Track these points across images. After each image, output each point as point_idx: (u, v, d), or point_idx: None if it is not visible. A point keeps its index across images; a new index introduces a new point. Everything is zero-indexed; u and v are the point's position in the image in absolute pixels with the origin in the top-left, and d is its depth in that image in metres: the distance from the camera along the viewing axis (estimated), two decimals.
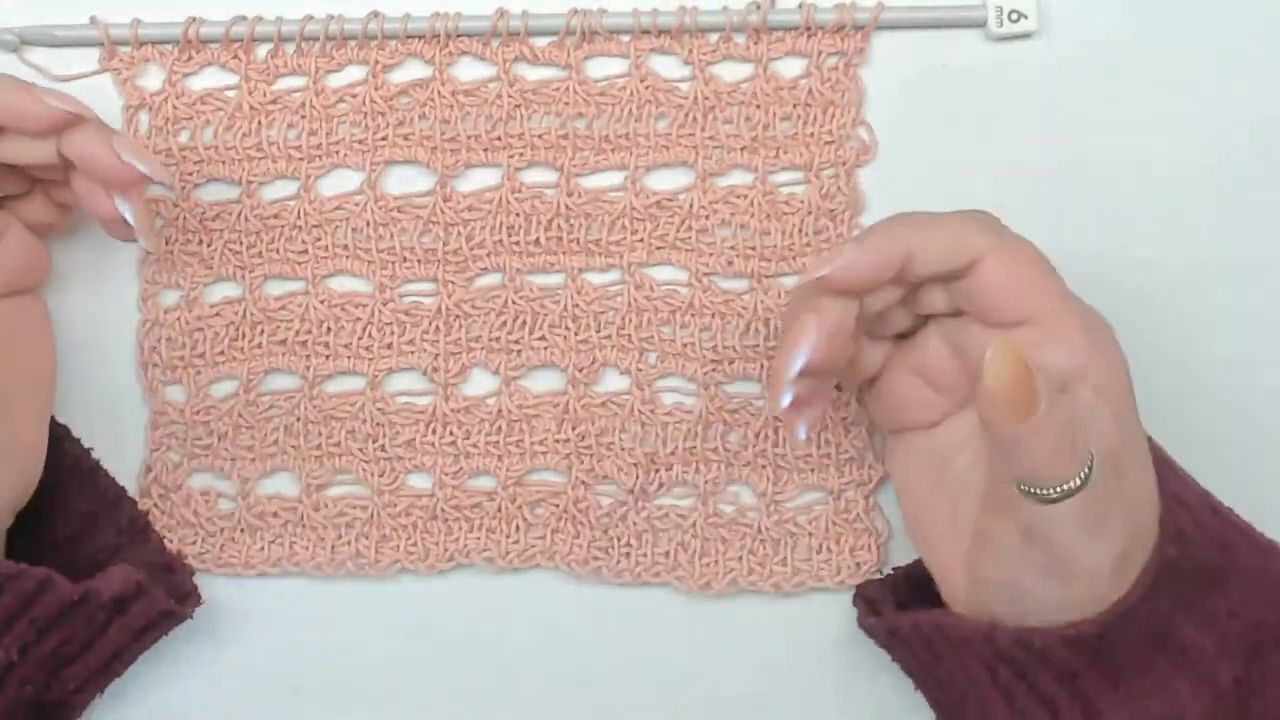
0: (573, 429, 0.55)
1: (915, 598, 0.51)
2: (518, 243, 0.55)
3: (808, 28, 0.53)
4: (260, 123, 0.55)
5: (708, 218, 0.54)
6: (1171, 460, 0.48)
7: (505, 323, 0.55)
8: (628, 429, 0.55)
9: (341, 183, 0.55)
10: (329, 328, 0.55)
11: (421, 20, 0.54)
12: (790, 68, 0.54)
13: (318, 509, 0.55)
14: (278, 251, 0.55)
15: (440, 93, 0.54)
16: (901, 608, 0.51)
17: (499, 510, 0.55)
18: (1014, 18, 0.54)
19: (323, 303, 0.55)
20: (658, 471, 0.55)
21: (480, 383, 0.56)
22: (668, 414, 0.55)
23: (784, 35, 0.54)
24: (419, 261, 0.55)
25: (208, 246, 0.55)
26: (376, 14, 0.54)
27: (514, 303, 0.55)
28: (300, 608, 0.56)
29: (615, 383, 0.55)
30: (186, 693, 0.56)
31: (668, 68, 0.54)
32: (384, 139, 0.54)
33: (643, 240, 0.55)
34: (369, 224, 0.55)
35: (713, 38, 0.54)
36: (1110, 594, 0.44)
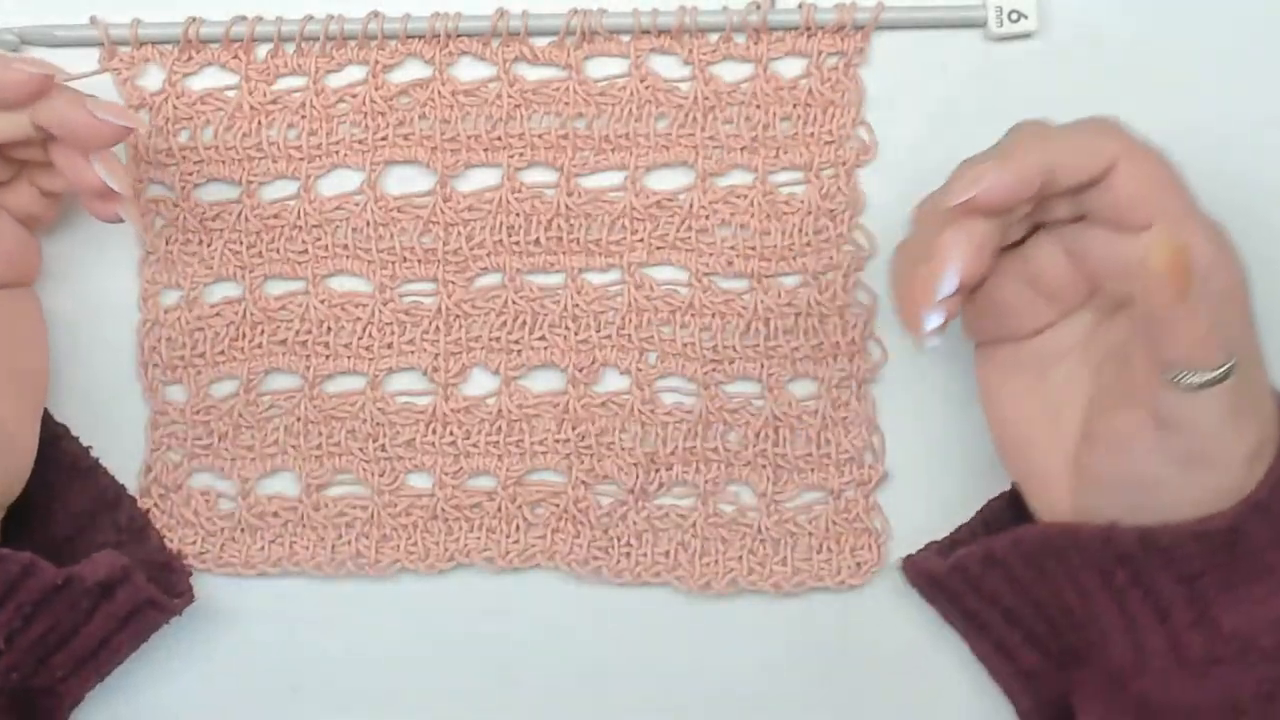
0: (573, 429, 0.55)
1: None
2: (518, 243, 0.55)
3: (808, 28, 0.53)
4: (260, 123, 0.55)
5: (708, 218, 0.54)
6: None
7: (505, 323, 0.55)
8: (628, 429, 0.55)
9: (341, 183, 0.55)
10: (329, 328, 0.55)
11: (421, 20, 0.54)
12: (790, 68, 0.54)
13: (318, 509, 0.55)
14: (278, 251, 0.55)
15: (440, 93, 0.54)
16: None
17: (499, 510, 0.55)
18: (1014, 18, 0.54)
19: (323, 303, 0.55)
20: (658, 471, 0.55)
21: (480, 383, 0.56)
22: (668, 414, 0.55)
23: (784, 35, 0.54)
24: (419, 261, 0.55)
25: (208, 246, 0.55)
26: (376, 14, 0.54)
27: (514, 303, 0.55)
28: (300, 608, 0.56)
29: (615, 383, 0.55)
30: (187, 692, 0.56)
31: (668, 68, 0.54)
32: (384, 139, 0.54)
33: (643, 240, 0.55)
34: (369, 224, 0.55)
35: (713, 38, 0.54)
36: (1243, 487, 0.44)
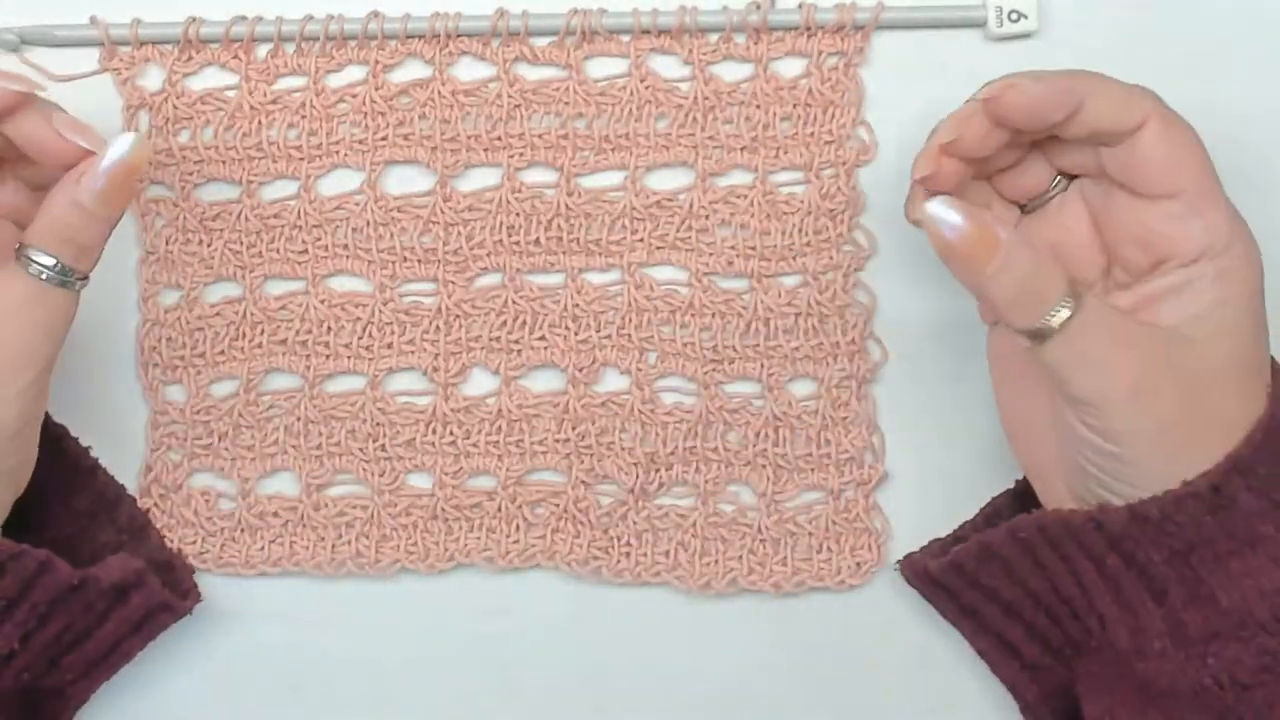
0: (573, 429, 0.55)
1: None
2: (518, 243, 0.55)
3: (808, 28, 0.53)
4: (260, 123, 0.55)
5: (708, 218, 0.54)
6: None
7: (505, 323, 0.55)
8: (628, 429, 0.55)
9: (341, 183, 0.55)
10: (329, 328, 0.55)
11: (421, 20, 0.54)
12: (790, 68, 0.54)
13: (318, 509, 0.55)
14: (278, 251, 0.55)
15: (440, 93, 0.54)
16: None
17: (499, 510, 0.55)
18: (1014, 18, 0.54)
19: (323, 303, 0.55)
20: (658, 471, 0.55)
21: (480, 383, 0.56)
22: (668, 414, 0.55)
23: (784, 35, 0.54)
24: (419, 261, 0.55)
25: (208, 246, 0.55)
26: (376, 14, 0.54)
27: (514, 303, 0.55)
28: (300, 608, 0.56)
29: (615, 383, 0.55)
30: (187, 692, 0.56)
31: (668, 68, 0.54)
32: (384, 139, 0.54)
33: (643, 240, 0.55)
34: (369, 224, 0.55)
35: (713, 38, 0.54)
36: (1132, 424, 0.44)
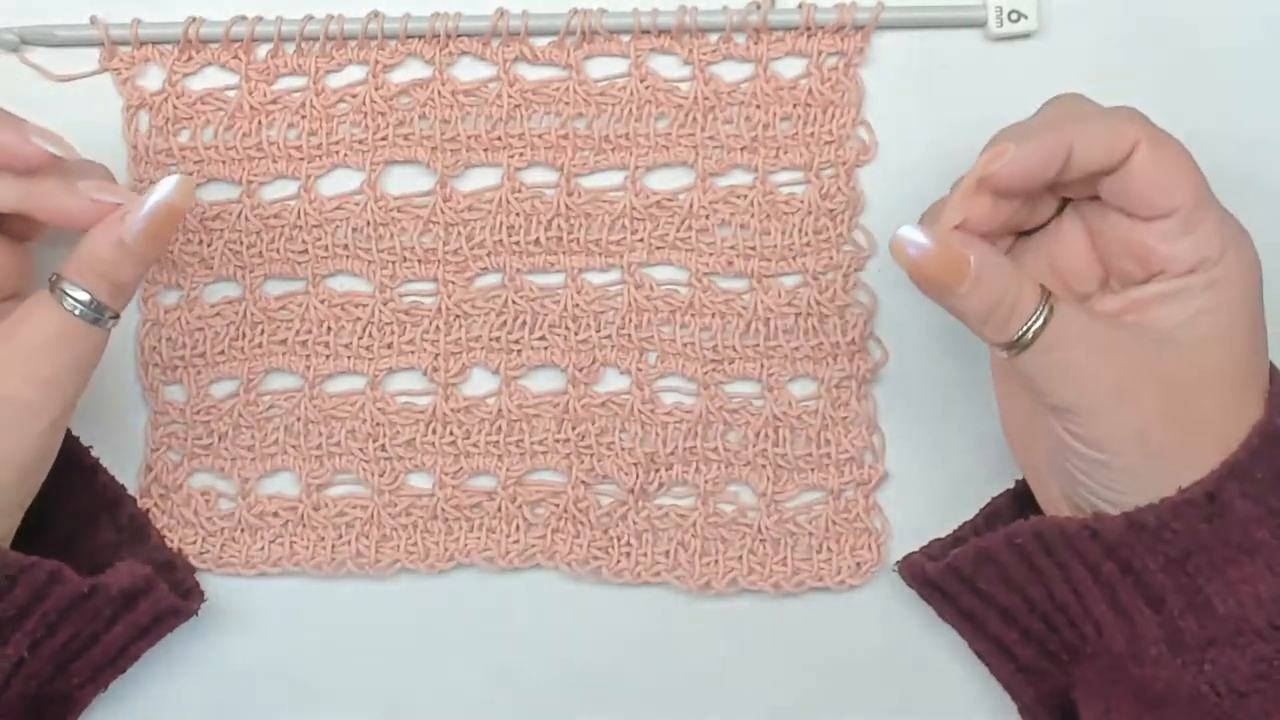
0: (573, 429, 0.55)
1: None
2: (518, 243, 0.55)
3: (808, 28, 0.53)
4: (260, 123, 0.55)
5: (708, 218, 0.54)
6: None
7: (505, 323, 0.55)
8: (628, 429, 0.55)
9: (341, 183, 0.55)
10: (329, 328, 0.55)
11: (421, 20, 0.54)
12: (790, 68, 0.54)
13: (318, 509, 0.55)
14: (278, 251, 0.55)
15: (440, 93, 0.54)
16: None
17: (499, 510, 0.55)
18: (1014, 18, 0.54)
19: (323, 303, 0.55)
20: (658, 471, 0.55)
21: (480, 383, 0.56)
22: (668, 414, 0.55)
23: (784, 35, 0.54)
24: (419, 261, 0.55)
25: (208, 246, 0.55)
26: (376, 14, 0.54)
27: (514, 303, 0.55)
28: (300, 608, 0.56)
29: (615, 383, 0.55)
30: (187, 692, 0.56)
31: (668, 68, 0.54)
32: (384, 139, 0.54)
33: (643, 240, 0.55)
34: (369, 224, 0.55)
35: (713, 38, 0.54)
36: (1117, 427, 0.44)
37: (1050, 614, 0.48)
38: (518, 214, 0.54)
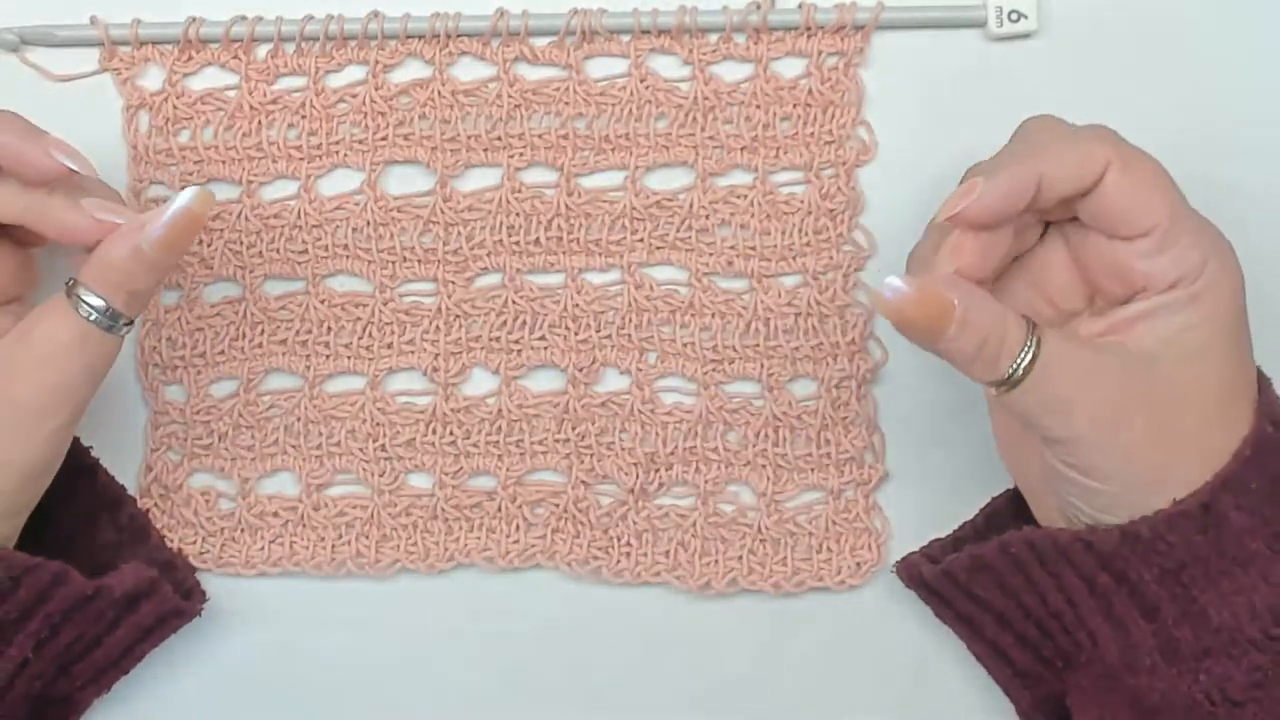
0: (573, 429, 0.55)
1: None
2: (518, 243, 0.55)
3: (808, 28, 0.53)
4: (260, 123, 0.55)
5: (708, 218, 0.54)
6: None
7: (505, 323, 0.55)
8: (628, 429, 0.55)
9: (341, 183, 0.55)
10: (329, 328, 0.55)
11: (421, 20, 0.54)
12: (790, 68, 0.54)
13: (318, 509, 0.55)
14: (278, 251, 0.55)
15: (440, 93, 0.54)
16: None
17: (499, 510, 0.55)
18: (1014, 18, 0.54)
19: (323, 303, 0.55)
20: (658, 471, 0.55)
21: (480, 383, 0.56)
22: (668, 414, 0.55)
23: (784, 35, 0.54)
24: (419, 261, 0.55)
25: (208, 246, 0.55)
26: (376, 14, 0.54)
27: (514, 303, 0.55)
28: (300, 608, 0.56)
29: (615, 383, 0.55)
30: (186, 692, 0.56)
31: (668, 68, 0.54)
32: (384, 139, 0.54)
33: (643, 240, 0.55)
34: (369, 224, 0.55)
35: (713, 38, 0.54)
36: (1104, 447, 0.44)
37: (1045, 620, 0.48)
38: (518, 214, 0.54)
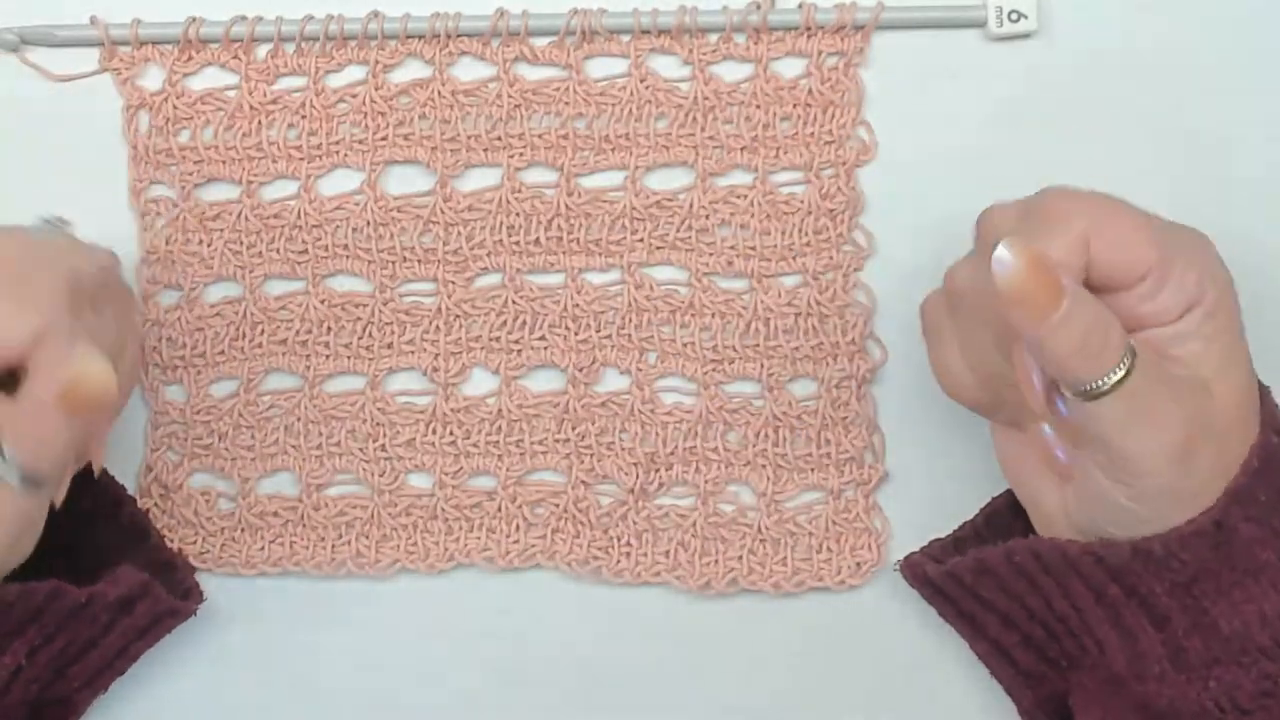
0: (573, 429, 0.55)
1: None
2: (518, 243, 0.55)
3: (808, 28, 0.53)
4: (260, 123, 0.55)
5: (708, 218, 0.54)
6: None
7: (505, 323, 0.55)
8: (628, 429, 0.55)
9: (341, 183, 0.55)
10: (329, 328, 0.55)
11: (421, 20, 0.54)
12: (790, 68, 0.54)
13: (318, 509, 0.55)
14: (278, 251, 0.55)
15: (440, 93, 0.54)
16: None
17: (499, 510, 0.55)
18: (1014, 18, 0.54)
19: (323, 303, 0.55)
20: (658, 471, 0.55)
21: (480, 383, 0.56)
22: (668, 414, 0.55)
23: (784, 35, 0.54)
24: (419, 261, 0.55)
25: (208, 246, 0.55)
26: (376, 14, 0.54)
27: (514, 303, 0.55)
28: (300, 608, 0.56)
29: (615, 383, 0.55)
30: (186, 692, 0.56)
31: (668, 68, 0.54)
32: (384, 139, 0.54)
33: (643, 240, 0.55)
34: (369, 224, 0.55)
35: (713, 38, 0.54)
36: (1176, 488, 0.43)
37: (1050, 623, 0.48)
38: (518, 214, 0.54)
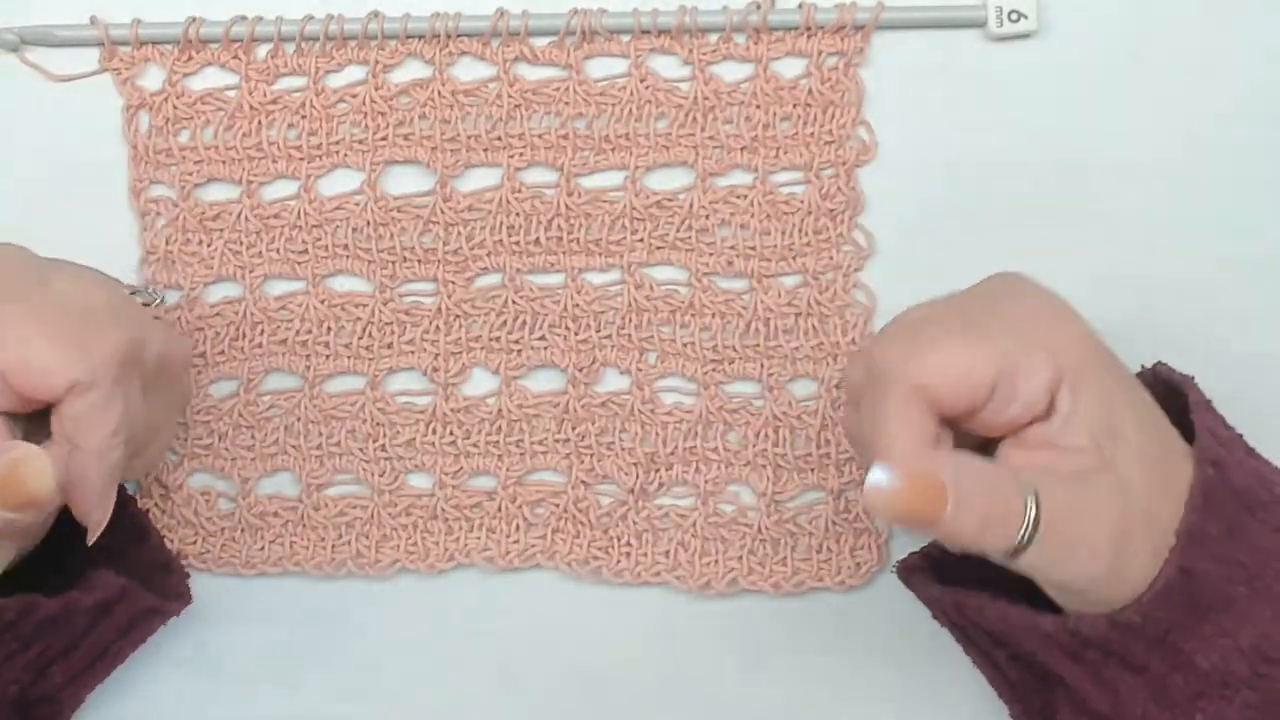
0: (573, 429, 0.55)
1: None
2: (518, 243, 0.55)
3: (808, 28, 0.53)
4: (260, 123, 0.55)
5: (708, 218, 0.54)
6: (1208, 402, 0.47)
7: (505, 323, 0.55)
8: (628, 429, 0.55)
9: (341, 183, 0.55)
10: (329, 328, 0.55)
11: (421, 20, 0.54)
12: (790, 68, 0.54)
13: (318, 509, 0.55)
14: (278, 251, 0.55)
15: (440, 93, 0.54)
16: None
17: (499, 510, 0.55)
18: (1014, 18, 0.54)
19: (323, 303, 0.55)
20: (658, 471, 0.55)
21: (480, 383, 0.56)
22: (668, 414, 0.55)
23: (784, 35, 0.54)
24: (419, 261, 0.55)
25: (208, 246, 0.55)
26: (376, 14, 0.54)
27: (514, 303, 0.55)
28: (300, 608, 0.56)
29: (615, 383, 0.55)
30: (185, 691, 0.56)
31: (668, 68, 0.54)
32: (384, 139, 0.54)
33: (643, 240, 0.55)
34: (369, 224, 0.55)
35: (713, 38, 0.54)
36: (1131, 564, 0.43)
37: (1032, 664, 0.48)
38: (518, 214, 0.54)
